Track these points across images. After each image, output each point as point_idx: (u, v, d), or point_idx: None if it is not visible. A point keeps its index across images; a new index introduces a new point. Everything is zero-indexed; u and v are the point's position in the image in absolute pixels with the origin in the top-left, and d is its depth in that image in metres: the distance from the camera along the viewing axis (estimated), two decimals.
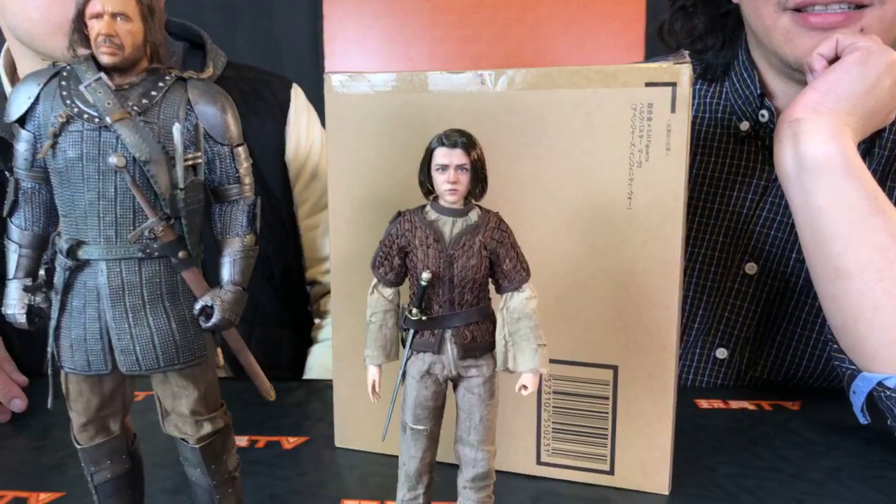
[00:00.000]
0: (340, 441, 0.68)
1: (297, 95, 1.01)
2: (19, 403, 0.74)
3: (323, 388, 0.82)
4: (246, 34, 2.11)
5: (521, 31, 2.07)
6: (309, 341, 1.04)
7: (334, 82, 0.63)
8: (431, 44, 2.09)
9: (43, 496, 0.59)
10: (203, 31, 0.96)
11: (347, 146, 0.63)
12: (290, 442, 0.69)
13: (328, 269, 1.03)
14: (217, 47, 0.95)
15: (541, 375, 0.46)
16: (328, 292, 1.05)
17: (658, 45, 0.94)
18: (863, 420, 0.67)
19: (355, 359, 0.66)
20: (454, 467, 0.49)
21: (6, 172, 0.84)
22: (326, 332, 1.03)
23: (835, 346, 0.68)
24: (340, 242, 0.65)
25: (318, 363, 1.00)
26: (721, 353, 0.87)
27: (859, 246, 0.65)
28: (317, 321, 1.07)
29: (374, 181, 0.63)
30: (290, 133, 0.97)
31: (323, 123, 1.03)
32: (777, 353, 0.86)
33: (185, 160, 0.43)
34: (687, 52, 0.55)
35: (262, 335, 0.95)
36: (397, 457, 0.49)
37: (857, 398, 0.66)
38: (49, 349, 0.44)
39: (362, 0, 2.08)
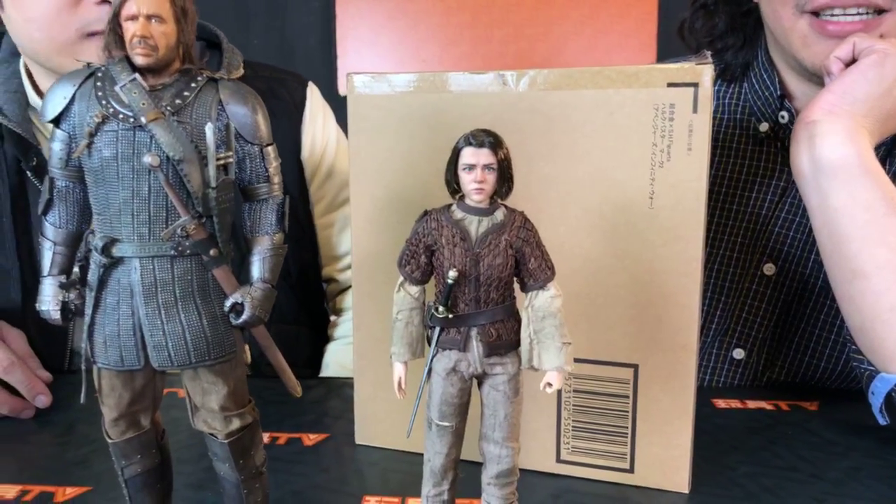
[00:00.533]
0: (361, 438, 0.69)
1: (313, 94, 1.01)
2: (44, 399, 0.75)
3: (341, 386, 0.83)
4: (259, 35, 2.12)
5: (534, 32, 2.08)
6: (326, 338, 1.05)
7: (357, 83, 0.63)
8: (444, 44, 2.09)
9: (69, 491, 0.60)
10: (219, 31, 0.96)
11: (369, 146, 0.64)
12: (310, 439, 0.70)
13: (344, 267, 1.04)
14: (233, 46, 0.96)
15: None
16: (344, 290, 1.06)
17: (671, 45, 0.95)
18: (881, 421, 0.67)
19: (376, 357, 0.67)
20: (478, 465, 0.49)
21: (28, 172, 0.85)
22: (342, 329, 1.04)
23: (853, 347, 0.68)
24: (362, 242, 0.66)
25: (335, 361, 1.00)
26: (738, 353, 0.87)
27: (876, 246, 0.65)
28: (333, 318, 1.07)
29: (396, 181, 0.63)
30: (305, 132, 0.98)
31: (337, 119, 1.04)
32: (795, 355, 0.86)
33: (217, 159, 0.44)
34: (709, 52, 0.56)
35: (279, 333, 0.95)
36: (418, 454, 0.50)
37: (876, 399, 0.66)
38: (83, 345, 0.45)
39: (375, 0, 2.09)
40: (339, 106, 0.80)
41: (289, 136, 0.96)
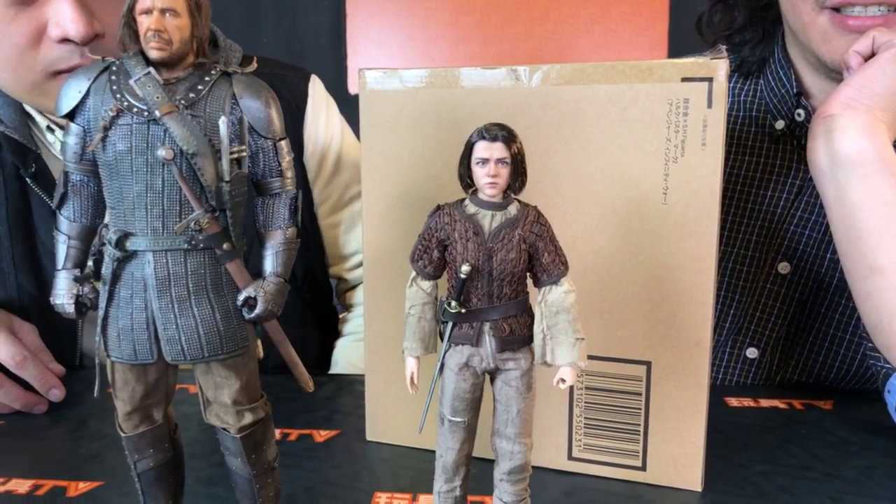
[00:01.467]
0: (372, 435, 0.69)
1: (315, 88, 0.98)
2: (57, 393, 0.76)
3: (352, 383, 0.83)
4: (269, 34, 2.12)
5: (544, 30, 2.07)
6: (334, 337, 1.04)
7: (368, 78, 0.63)
8: (453, 43, 2.09)
9: (81, 485, 0.60)
10: (217, 27, 0.94)
11: (381, 142, 0.64)
12: (321, 435, 0.70)
13: (353, 266, 1.03)
14: (232, 42, 0.93)
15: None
16: (354, 286, 1.05)
17: (682, 44, 0.94)
18: None
19: (388, 353, 0.67)
20: (490, 461, 0.49)
21: (27, 178, 0.85)
22: (351, 325, 1.03)
23: (869, 344, 0.68)
24: (374, 237, 0.66)
25: (343, 358, 1.00)
26: (752, 352, 0.87)
27: (893, 242, 0.64)
28: (342, 315, 1.07)
29: (407, 177, 0.63)
30: (308, 130, 0.96)
31: (347, 118, 1.02)
32: (809, 355, 0.86)
33: (231, 153, 0.44)
34: (724, 46, 0.55)
35: (287, 336, 0.95)
36: (429, 451, 0.49)
37: (892, 397, 0.66)
38: (97, 339, 0.45)
39: None
40: (349, 104, 0.80)
41: (290, 136, 0.94)
